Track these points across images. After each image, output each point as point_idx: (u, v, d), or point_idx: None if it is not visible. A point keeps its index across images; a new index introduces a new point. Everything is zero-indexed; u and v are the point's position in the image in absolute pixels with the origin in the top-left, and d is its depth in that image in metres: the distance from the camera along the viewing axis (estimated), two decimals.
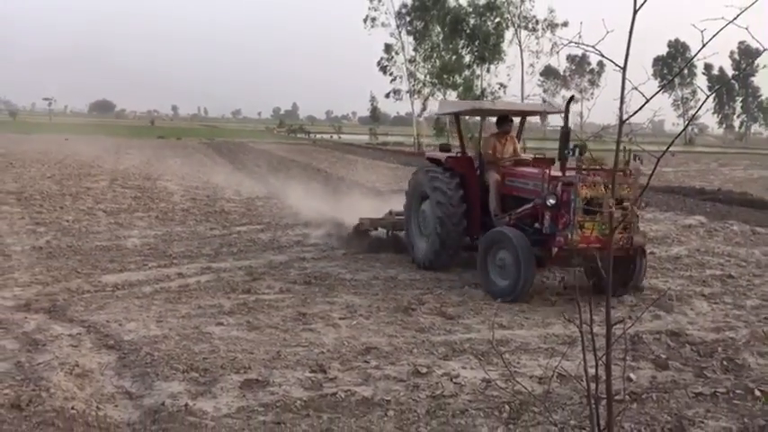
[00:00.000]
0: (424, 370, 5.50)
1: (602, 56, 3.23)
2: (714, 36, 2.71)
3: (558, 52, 42.06)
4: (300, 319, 6.97)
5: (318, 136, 78.65)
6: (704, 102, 3.25)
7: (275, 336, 6.39)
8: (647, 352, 6.21)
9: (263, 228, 12.86)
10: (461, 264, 9.51)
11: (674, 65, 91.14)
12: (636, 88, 2.86)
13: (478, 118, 42.83)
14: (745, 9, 2.70)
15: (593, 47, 3.29)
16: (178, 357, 5.62)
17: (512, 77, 40.67)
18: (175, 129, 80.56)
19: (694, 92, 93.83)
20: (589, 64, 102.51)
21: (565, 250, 7.72)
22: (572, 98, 9.67)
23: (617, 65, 3.07)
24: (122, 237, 11.40)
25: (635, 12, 3.03)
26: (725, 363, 5.90)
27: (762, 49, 2.72)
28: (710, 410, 4.87)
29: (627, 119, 2.99)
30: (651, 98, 2.91)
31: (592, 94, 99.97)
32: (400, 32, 50.03)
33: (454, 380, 5.31)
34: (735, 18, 2.70)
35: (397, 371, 5.51)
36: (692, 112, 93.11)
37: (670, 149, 3.09)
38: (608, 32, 3.29)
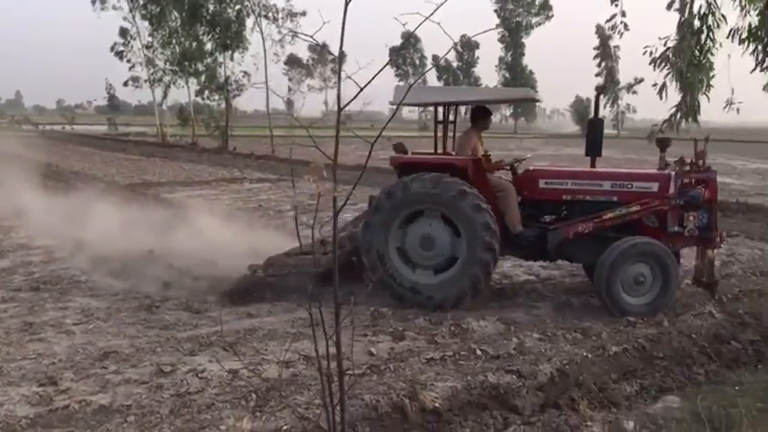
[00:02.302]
0: (169, 369, 5.32)
1: (320, 45, 3.35)
2: (414, 30, 2.95)
3: (291, 41, 42.28)
4: (27, 330, 6.36)
5: (48, 127, 71.71)
6: (410, 88, 3.52)
7: None
8: (386, 326, 6.60)
9: None
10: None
11: (407, 55, 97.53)
12: (350, 77, 3.00)
13: (223, 105, 42.30)
14: (440, 5, 2.96)
15: (311, 36, 3.40)
16: None
17: (259, 66, 40.15)
18: None
19: (425, 81, 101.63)
20: (331, 54, 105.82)
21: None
22: (604, 87, 8.97)
23: (332, 54, 3.21)
24: None
25: (347, 4, 3.17)
26: (452, 328, 6.49)
27: (452, 41, 3.01)
28: (440, 373, 5.33)
29: (344, 107, 3.12)
30: (364, 87, 3.07)
31: (335, 83, 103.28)
32: (134, 16, 47.31)
33: (200, 375, 5.19)
34: (431, 14, 2.95)
35: (138, 373, 5.25)
36: None
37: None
38: (325, 23, 3.42)
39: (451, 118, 8.24)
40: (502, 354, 5.79)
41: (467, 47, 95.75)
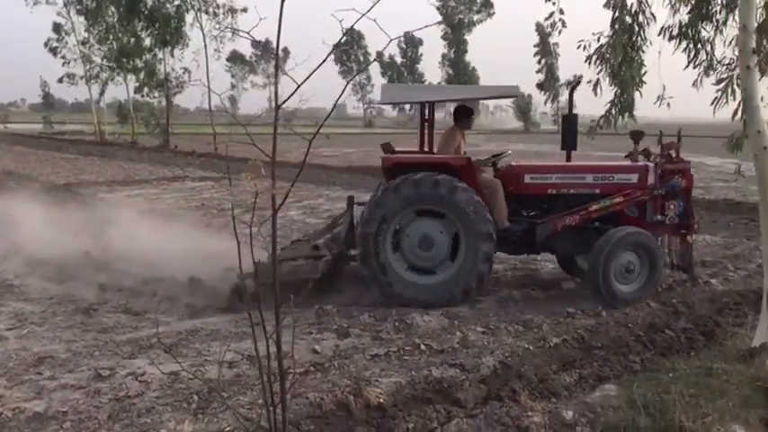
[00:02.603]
0: (107, 373, 5.18)
1: (258, 42, 3.31)
2: (351, 28, 2.94)
3: (231, 38, 41.63)
4: None
5: None
6: (346, 86, 3.52)
7: None
8: (331, 323, 6.58)
9: None
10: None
11: (351, 51, 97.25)
12: (286, 74, 2.99)
13: (163, 103, 41.41)
14: (377, 2, 2.96)
15: (248, 33, 3.35)
16: None
17: (200, 63, 39.30)
18: None
19: (369, 77, 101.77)
20: (272, 51, 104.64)
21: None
22: (578, 82, 8.89)
23: (271, 51, 3.18)
24: None
25: (282, 0, 3.14)
26: (397, 324, 6.51)
27: (388, 37, 3.02)
28: (384, 368, 5.35)
29: (281, 104, 3.10)
30: (302, 84, 3.05)
31: (279, 80, 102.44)
32: (69, 11, 45.94)
33: (140, 378, 5.08)
34: (368, 11, 2.95)
35: (75, 378, 5.11)
36: (369, 96, 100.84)
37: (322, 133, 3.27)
38: (261, 19, 3.39)
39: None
40: (446, 348, 5.85)
41: (410, 44, 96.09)
